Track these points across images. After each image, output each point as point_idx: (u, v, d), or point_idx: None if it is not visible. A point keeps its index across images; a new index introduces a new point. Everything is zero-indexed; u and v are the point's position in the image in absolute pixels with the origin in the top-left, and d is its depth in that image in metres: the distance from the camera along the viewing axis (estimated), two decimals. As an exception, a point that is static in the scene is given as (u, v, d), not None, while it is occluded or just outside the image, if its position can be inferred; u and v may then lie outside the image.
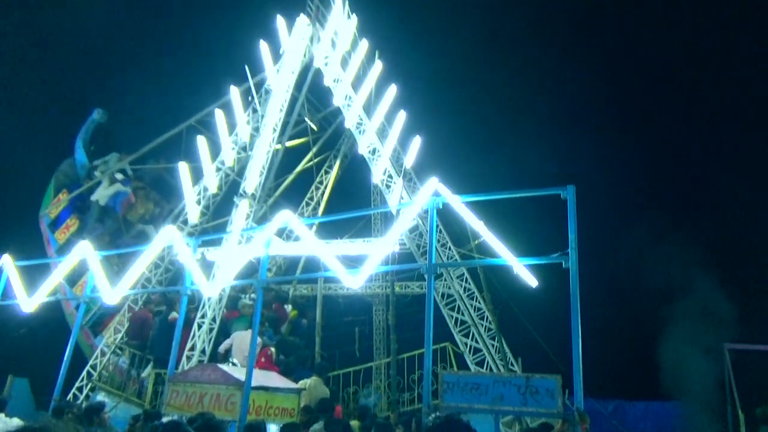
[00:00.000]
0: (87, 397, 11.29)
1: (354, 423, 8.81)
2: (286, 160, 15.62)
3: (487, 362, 9.85)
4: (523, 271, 7.45)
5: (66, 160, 16.46)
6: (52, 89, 21.66)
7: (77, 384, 11.65)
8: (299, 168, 16.38)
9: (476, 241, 10.14)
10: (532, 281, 7.54)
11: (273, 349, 10.84)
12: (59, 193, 15.96)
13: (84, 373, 11.79)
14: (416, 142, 14.06)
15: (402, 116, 14.36)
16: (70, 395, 11.25)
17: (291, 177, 16.10)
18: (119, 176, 15.69)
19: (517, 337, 11.53)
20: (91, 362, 11.94)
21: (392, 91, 14.71)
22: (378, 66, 15.30)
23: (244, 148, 14.29)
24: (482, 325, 10.86)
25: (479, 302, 11.19)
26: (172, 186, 14.96)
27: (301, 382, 9.55)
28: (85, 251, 10.51)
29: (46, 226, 15.54)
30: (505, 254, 7.57)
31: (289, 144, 15.01)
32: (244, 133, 14.46)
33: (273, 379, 8.98)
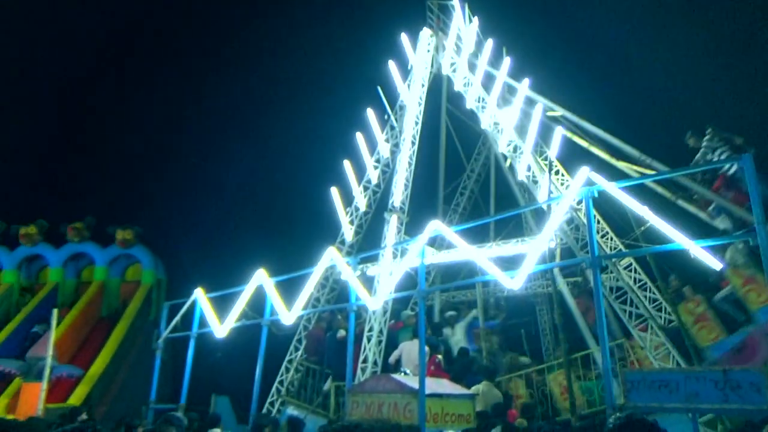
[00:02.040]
0: (278, 411, 12.39)
1: (521, 422, 8.67)
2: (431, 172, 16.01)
3: (673, 357, 9.06)
4: (703, 255, 6.81)
5: None
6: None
7: (269, 399, 12.84)
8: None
9: (641, 228, 9.43)
10: (715, 264, 6.87)
11: (440, 357, 11.03)
12: None
13: (273, 389, 12.98)
14: (558, 133, 13.52)
15: (539, 108, 13.91)
16: (264, 409, 12.42)
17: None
18: None
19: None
20: (278, 378, 13.11)
21: (525, 85, 14.34)
22: (506, 62, 15.04)
23: (387, 165, 14.86)
24: (661, 317, 10.03)
25: (654, 293, 10.35)
26: None
27: (473, 387, 9.60)
28: (261, 278, 11.62)
29: None
30: (678, 238, 6.98)
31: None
32: (385, 150, 15.05)
33: (445, 386, 9.12)
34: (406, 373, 9.48)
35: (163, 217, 23.51)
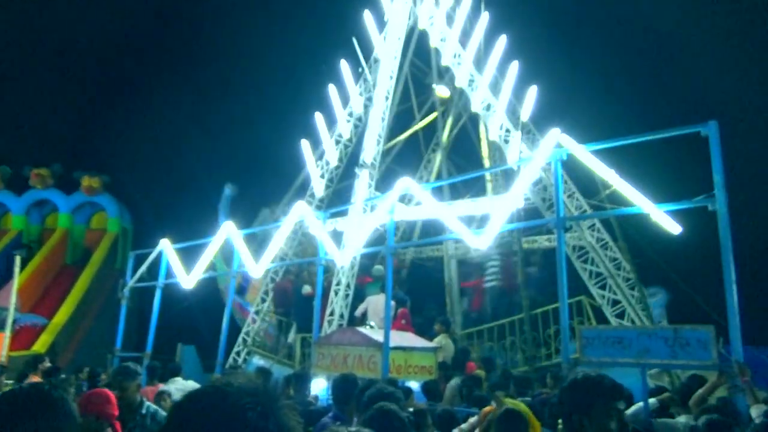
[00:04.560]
0: (245, 360, 12.55)
1: (480, 373, 8.97)
2: (400, 125, 15.89)
3: (628, 314, 9.41)
4: (663, 218, 6.99)
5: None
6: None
7: (235, 349, 12.98)
8: (408, 133, 16.49)
9: (607, 191, 9.59)
10: (674, 228, 7.05)
11: (408, 311, 11.24)
12: None
13: (240, 339, 13.10)
14: (532, 93, 13.49)
15: (515, 67, 13.80)
16: (230, 359, 12.57)
17: (403, 136, 16.22)
18: None
19: (659, 287, 10.87)
20: (244, 329, 13.22)
21: (502, 41, 14.16)
22: (485, 17, 14.78)
23: (360, 119, 14.66)
24: (620, 275, 10.36)
25: (614, 252, 10.65)
26: None
27: (434, 340, 9.85)
28: (230, 230, 11.53)
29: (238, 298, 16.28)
30: (641, 201, 7.13)
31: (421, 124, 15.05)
32: (358, 104, 14.81)
33: (409, 339, 9.34)
34: (371, 326, 9.65)
35: (130, 167, 22.99)
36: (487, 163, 14.85)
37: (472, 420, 5.61)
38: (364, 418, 3.30)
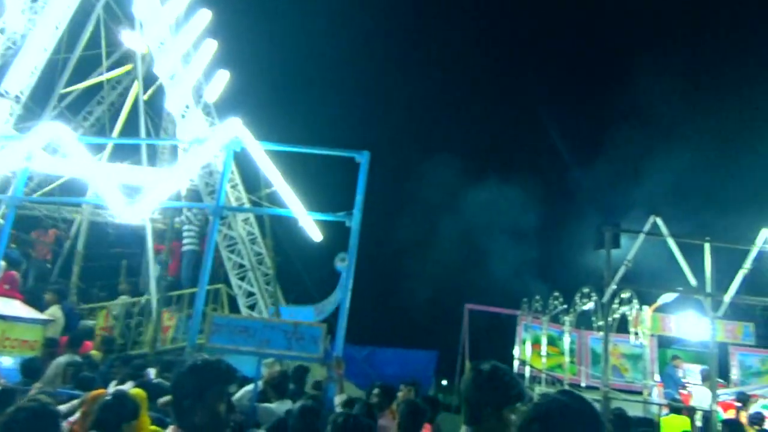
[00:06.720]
0: None
1: (96, 354, 8.41)
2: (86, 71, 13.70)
3: (259, 306, 10.07)
4: (309, 225, 7.72)
5: None
6: None
7: None
8: (92, 81, 14.35)
9: (268, 189, 10.12)
10: (316, 235, 7.86)
11: (18, 275, 9.56)
12: None
13: None
14: (222, 76, 13.34)
15: (211, 45, 13.43)
16: None
17: (81, 85, 14.03)
18: None
19: (291, 285, 11.99)
20: None
21: (205, 15, 13.63)
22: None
23: (15, 43, 11.96)
24: (260, 269, 10.99)
25: (260, 247, 11.27)
26: None
27: (47, 312, 8.64)
28: None
29: None
30: (294, 207, 7.73)
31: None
32: (16, 22, 12.06)
33: (15, 307, 7.99)
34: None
35: None
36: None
37: (75, 402, 5.16)
38: None
